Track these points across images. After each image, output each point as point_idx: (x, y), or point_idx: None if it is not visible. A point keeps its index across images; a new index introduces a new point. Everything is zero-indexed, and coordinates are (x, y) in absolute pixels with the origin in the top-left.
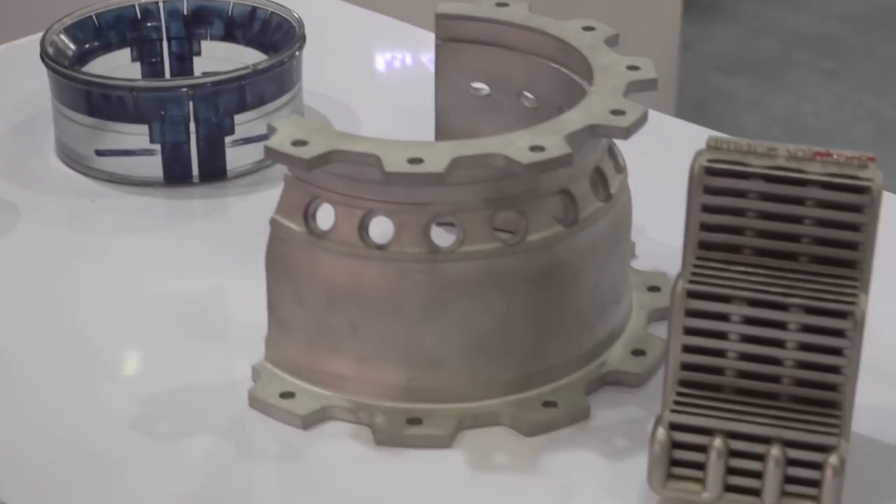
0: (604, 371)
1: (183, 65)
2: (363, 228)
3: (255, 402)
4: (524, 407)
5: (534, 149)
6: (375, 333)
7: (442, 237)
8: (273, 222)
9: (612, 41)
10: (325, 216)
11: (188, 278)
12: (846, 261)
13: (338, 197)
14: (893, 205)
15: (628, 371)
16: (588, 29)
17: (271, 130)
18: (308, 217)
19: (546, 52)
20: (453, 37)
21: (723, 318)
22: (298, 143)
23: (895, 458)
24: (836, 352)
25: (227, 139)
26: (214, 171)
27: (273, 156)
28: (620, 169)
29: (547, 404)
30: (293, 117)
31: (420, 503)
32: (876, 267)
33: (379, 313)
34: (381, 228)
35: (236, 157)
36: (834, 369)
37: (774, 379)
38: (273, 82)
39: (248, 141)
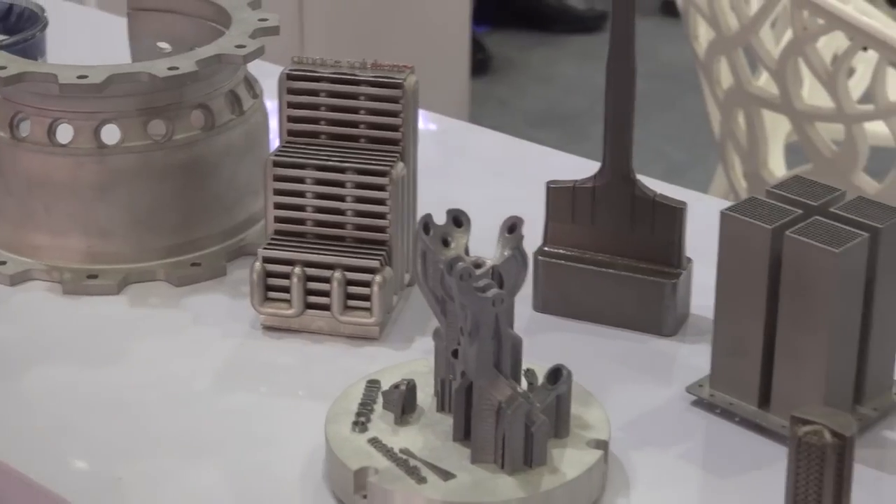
0: (242, 244)
1: None
2: (51, 132)
3: None
4: (176, 266)
5: (171, 68)
6: (62, 212)
7: (110, 136)
8: None
9: (255, 4)
10: (27, 126)
11: None
12: (390, 139)
13: (33, 110)
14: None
15: (258, 245)
16: None
17: None
18: (12, 126)
19: (207, 15)
20: (141, 7)
21: (300, 181)
22: None
23: None
24: (381, 202)
25: None
26: None
27: None
28: (255, 95)
29: (194, 265)
30: (1, 52)
31: (94, 332)
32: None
33: (63, 196)
34: (65, 131)
35: None
36: (380, 216)
37: (340, 225)
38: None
39: None
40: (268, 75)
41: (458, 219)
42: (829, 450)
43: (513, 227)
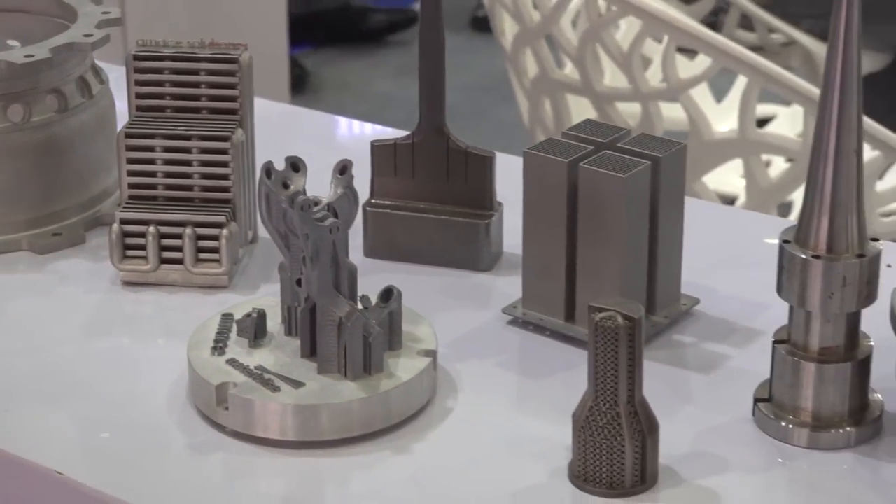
0: (98, 215)
1: None
2: None
3: None
4: (39, 237)
5: (27, 56)
6: None
7: None
8: None
9: (98, 1)
10: None
11: None
12: (229, 109)
13: None
14: None
15: (113, 215)
16: None
17: None
18: None
19: (54, 13)
20: None
21: (150, 149)
22: None
23: None
24: (224, 165)
25: None
26: None
27: None
28: (102, 81)
29: (55, 234)
30: None
31: None
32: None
33: None
34: None
35: None
36: (224, 177)
37: (188, 187)
38: None
39: None
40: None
41: (295, 164)
42: (622, 331)
43: (344, 169)
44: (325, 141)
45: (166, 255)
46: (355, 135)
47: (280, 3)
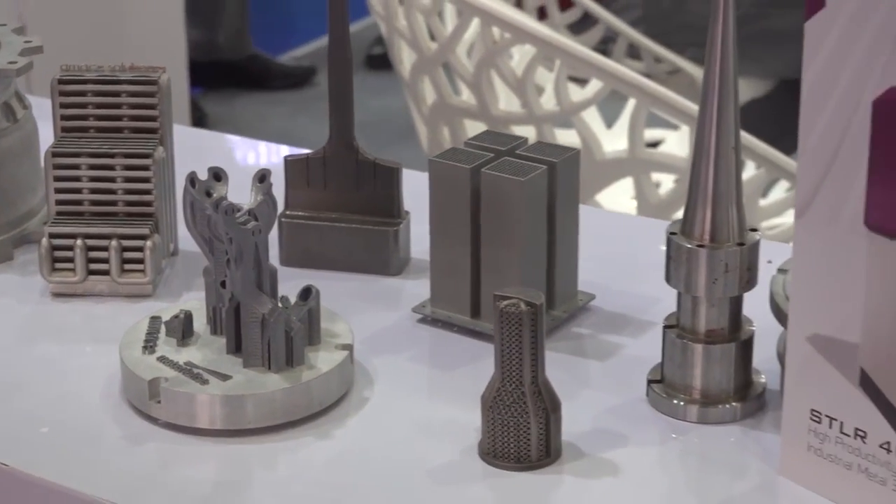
0: (25, 233)
1: None
2: None
3: None
4: None
5: None
6: None
7: None
8: None
9: (19, 30)
10: None
11: None
12: (150, 128)
13: None
14: None
15: (39, 232)
16: (2, 25)
17: None
18: None
19: None
20: None
21: (76, 167)
22: None
23: None
24: (147, 181)
25: None
26: None
27: None
28: (26, 107)
29: None
30: None
31: None
32: None
33: None
34: None
35: None
36: (147, 192)
37: (113, 203)
38: None
39: None
40: None
41: (217, 174)
42: (525, 316)
43: (263, 177)
44: (238, 161)
45: (93, 266)
46: (266, 155)
47: (181, 47)
